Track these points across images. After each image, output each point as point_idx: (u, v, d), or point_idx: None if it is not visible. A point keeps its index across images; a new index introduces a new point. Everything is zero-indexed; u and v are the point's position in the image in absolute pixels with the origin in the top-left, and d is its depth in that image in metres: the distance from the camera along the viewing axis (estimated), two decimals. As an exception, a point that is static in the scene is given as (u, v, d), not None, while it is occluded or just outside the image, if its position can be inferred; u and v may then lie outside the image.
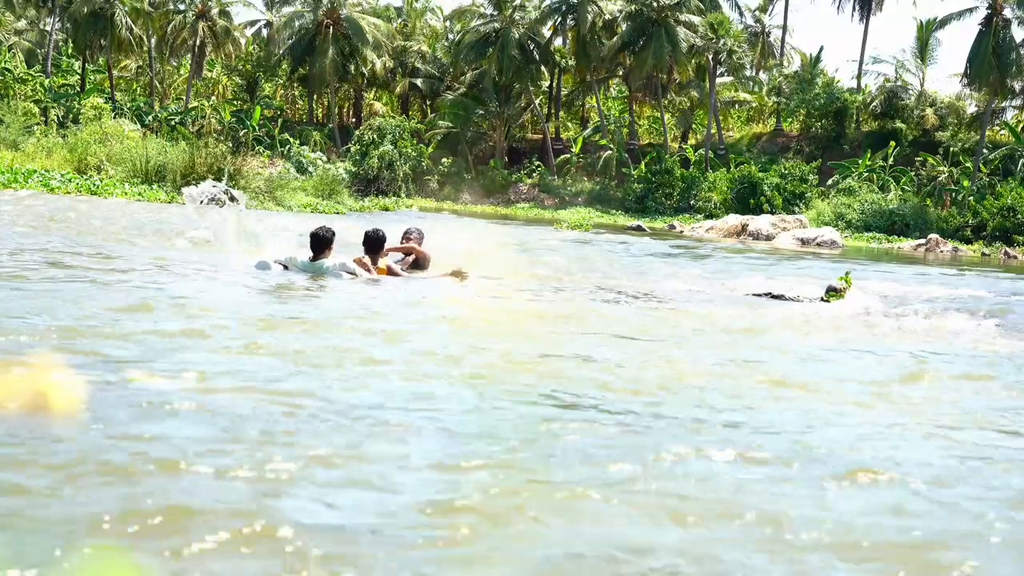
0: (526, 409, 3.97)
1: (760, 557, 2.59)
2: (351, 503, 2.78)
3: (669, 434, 3.75)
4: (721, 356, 5.80)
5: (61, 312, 5.28)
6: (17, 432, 3.12)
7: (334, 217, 24.18)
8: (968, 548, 2.76)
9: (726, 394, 4.59)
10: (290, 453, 3.14)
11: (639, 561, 2.51)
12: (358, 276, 8.06)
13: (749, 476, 3.27)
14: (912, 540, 2.80)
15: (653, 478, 3.17)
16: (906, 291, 12.49)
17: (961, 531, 2.90)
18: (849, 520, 2.90)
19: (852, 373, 5.49)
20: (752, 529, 2.78)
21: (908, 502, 3.12)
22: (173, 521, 2.53)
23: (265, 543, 2.46)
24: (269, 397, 3.80)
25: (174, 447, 3.09)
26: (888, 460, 3.56)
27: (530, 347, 5.58)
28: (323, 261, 7.97)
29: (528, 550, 2.55)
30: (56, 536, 2.41)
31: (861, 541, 2.75)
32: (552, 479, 3.10)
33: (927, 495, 3.20)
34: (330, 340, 5.21)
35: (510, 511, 2.79)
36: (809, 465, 3.43)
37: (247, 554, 2.40)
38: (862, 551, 2.69)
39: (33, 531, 2.43)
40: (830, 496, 3.13)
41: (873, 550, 2.70)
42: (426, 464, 3.14)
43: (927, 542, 2.79)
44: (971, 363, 6.26)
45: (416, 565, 2.40)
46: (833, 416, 4.30)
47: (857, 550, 2.70)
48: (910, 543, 2.77)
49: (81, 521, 2.50)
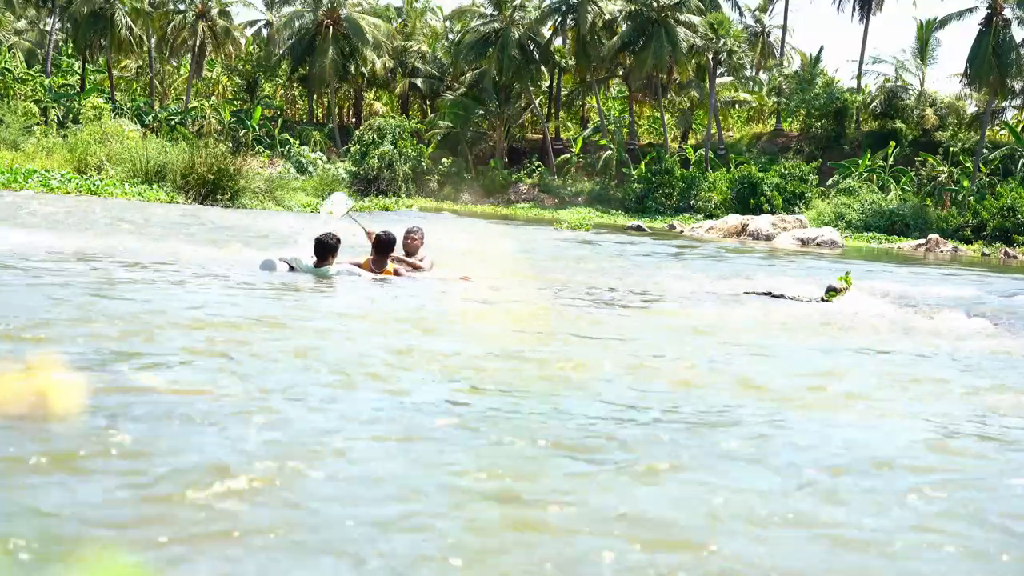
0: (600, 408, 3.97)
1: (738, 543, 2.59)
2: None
3: (674, 434, 3.75)
4: (720, 356, 5.80)
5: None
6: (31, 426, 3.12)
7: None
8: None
9: (726, 394, 4.59)
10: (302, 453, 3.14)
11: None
12: (362, 278, 8.16)
13: (746, 474, 3.27)
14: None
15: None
16: (906, 291, 12.50)
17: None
18: (858, 520, 2.90)
19: (852, 372, 5.49)
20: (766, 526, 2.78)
21: (910, 501, 3.12)
22: (174, 520, 2.53)
23: (265, 546, 2.46)
24: (288, 400, 3.80)
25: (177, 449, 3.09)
26: (889, 459, 3.56)
27: (561, 346, 5.58)
28: (327, 268, 8.03)
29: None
30: (55, 535, 2.41)
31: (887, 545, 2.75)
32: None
33: (927, 493, 3.20)
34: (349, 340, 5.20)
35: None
36: (812, 464, 3.44)
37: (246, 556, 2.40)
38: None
39: (33, 530, 2.43)
40: (830, 496, 3.13)
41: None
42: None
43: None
44: (971, 363, 6.25)
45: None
46: (831, 415, 4.30)
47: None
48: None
49: (81, 520, 2.50)
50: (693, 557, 2.54)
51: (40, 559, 2.29)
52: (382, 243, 8.47)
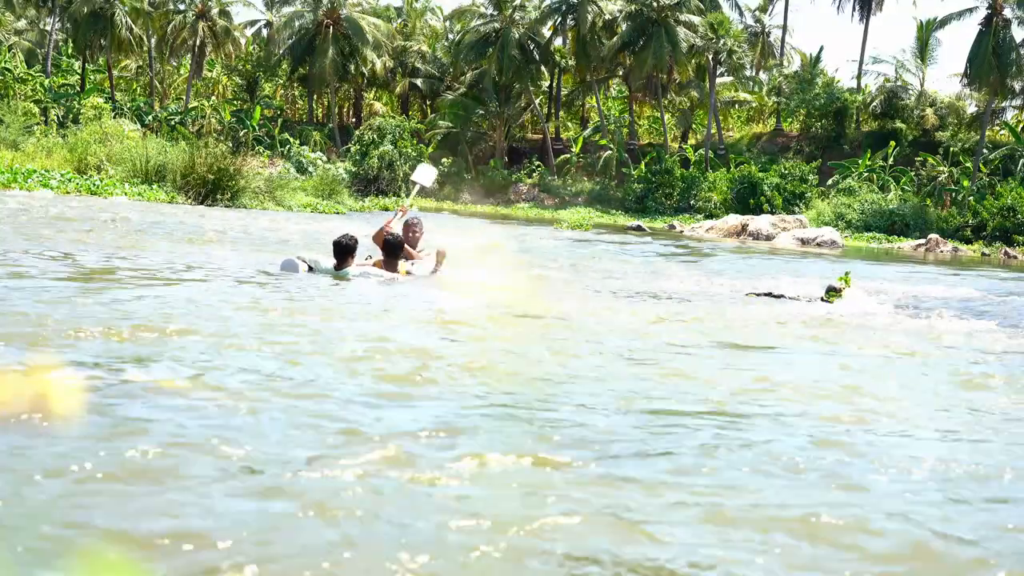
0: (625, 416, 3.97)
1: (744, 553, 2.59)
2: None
3: (675, 434, 3.75)
4: (721, 355, 5.80)
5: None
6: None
7: (333, 217, 24.19)
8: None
9: (727, 394, 4.59)
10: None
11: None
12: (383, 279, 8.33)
13: (741, 473, 3.28)
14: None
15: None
16: (906, 291, 12.50)
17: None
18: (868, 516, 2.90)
19: (852, 371, 5.49)
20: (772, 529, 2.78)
21: (912, 497, 3.12)
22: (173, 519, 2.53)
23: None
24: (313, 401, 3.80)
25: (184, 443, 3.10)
26: (889, 458, 3.57)
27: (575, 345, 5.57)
28: (347, 269, 8.18)
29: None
30: (56, 536, 2.41)
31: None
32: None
33: (935, 491, 3.20)
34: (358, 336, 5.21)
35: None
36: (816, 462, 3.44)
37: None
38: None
39: (33, 531, 2.43)
40: (833, 493, 3.14)
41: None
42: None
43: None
44: (970, 363, 6.26)
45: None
46: (831, 415, 4.30)
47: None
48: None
49: (80, 521, 2.51)
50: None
51: (40, 559, 2.29)
52: (390, 246, 8.56)
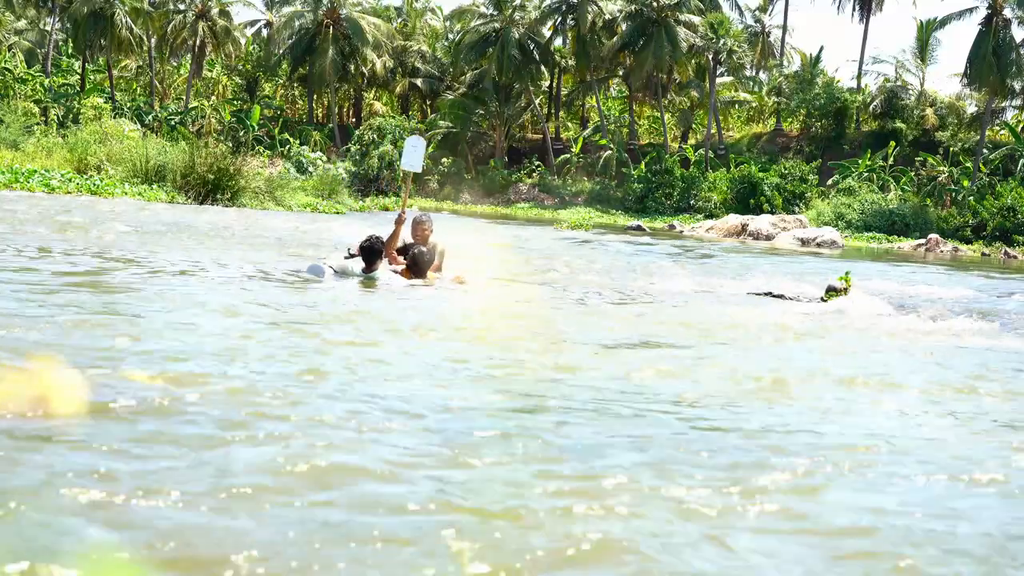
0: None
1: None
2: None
3: (675, 434, 3.76)
4: (721, 355, 5.80)
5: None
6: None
7: (334, 217, 24.20)
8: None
9: (728, 392, 4.60)
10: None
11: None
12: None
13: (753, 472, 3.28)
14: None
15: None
16: (906, 291, 12.51)
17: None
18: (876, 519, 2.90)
19: (852, 371, 5.50)
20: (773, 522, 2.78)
21: (909, 493, 3.12)
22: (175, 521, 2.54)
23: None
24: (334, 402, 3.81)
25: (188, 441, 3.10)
26: (889, 458, 3.57)
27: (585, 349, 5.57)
28: (376, 272, 8.25)
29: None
30: (55, 536, 2.41)
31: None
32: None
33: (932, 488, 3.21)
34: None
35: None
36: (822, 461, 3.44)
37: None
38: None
39: (33, 530, 2.43)
40: (834, 492, 3.14)
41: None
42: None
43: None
44: (970, 362, 6.26)
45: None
46: (832, 414, 4.30)
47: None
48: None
49: (80, 523, 2.51)
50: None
51: (40, 559, 2.29)
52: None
